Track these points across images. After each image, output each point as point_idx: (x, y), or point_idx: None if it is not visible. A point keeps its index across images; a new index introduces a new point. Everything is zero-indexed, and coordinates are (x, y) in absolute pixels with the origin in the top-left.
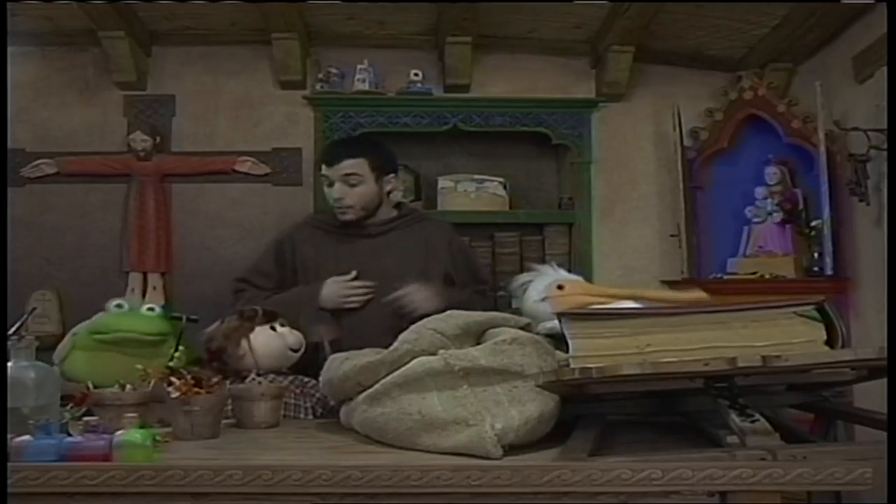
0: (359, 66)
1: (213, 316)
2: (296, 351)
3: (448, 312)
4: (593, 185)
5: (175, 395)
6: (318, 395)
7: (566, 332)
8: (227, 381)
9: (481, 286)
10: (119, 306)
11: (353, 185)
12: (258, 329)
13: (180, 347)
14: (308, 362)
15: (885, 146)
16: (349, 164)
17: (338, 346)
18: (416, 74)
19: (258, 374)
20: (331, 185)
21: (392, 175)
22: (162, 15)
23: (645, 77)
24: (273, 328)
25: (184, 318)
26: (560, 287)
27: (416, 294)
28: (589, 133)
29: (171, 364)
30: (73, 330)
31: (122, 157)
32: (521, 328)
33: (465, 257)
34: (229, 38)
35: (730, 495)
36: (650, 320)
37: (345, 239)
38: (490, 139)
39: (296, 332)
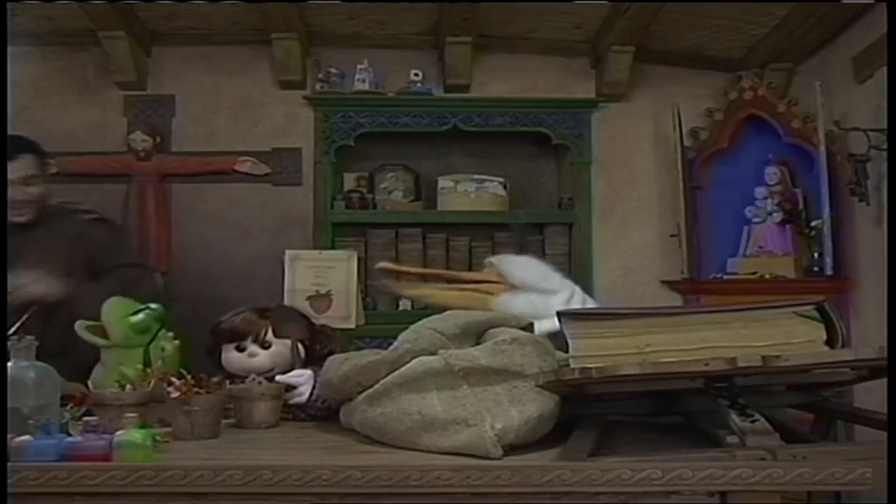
0: (359, 66)
1: (213, 316)
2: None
3: (448, 312)
4: (593, 185)
5: (175, 395)
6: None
7: (566, 332)
8: (228, 381)
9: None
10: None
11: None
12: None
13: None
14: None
15: (885, 146)
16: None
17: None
18: (416, 74)
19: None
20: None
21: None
22: (162, 15)
23: (645, 77)
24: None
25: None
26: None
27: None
28: (589, 133)
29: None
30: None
31: (121, 157)
32: (522, 328)
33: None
34: (229, 38)
35: (730, 495)
36: (650, 320)
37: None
38: (490, 139)
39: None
